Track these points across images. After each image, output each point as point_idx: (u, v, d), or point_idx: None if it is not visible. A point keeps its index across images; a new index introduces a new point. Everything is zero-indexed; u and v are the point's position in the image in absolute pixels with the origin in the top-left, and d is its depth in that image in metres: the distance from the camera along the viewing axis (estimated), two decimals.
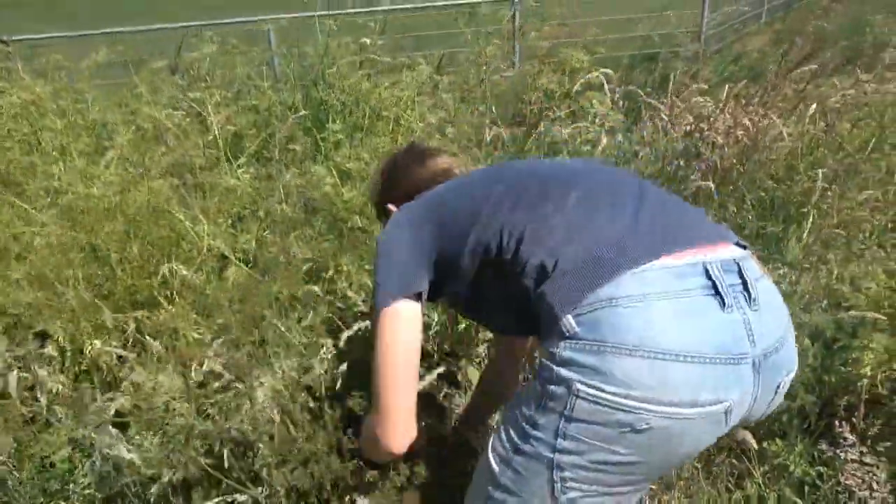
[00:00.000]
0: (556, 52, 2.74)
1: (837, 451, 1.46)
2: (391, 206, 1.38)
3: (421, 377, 1.56)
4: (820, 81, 2.80)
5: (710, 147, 2.27)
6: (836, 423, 1.52)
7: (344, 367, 1.67)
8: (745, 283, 0.96)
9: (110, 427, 1.34)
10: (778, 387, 1.00)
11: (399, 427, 1.12)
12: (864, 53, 5.50)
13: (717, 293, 0.92)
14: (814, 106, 1.89)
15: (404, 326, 1.12)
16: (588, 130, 2.15)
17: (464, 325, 2.16)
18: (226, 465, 1.25)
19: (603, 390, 0.89)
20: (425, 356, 2.04)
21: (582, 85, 2.19)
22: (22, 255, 1.96)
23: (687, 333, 0.89)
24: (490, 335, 2.15)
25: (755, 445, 1.55)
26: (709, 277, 0.93)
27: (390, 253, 1.16)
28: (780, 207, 2.14)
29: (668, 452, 0.95)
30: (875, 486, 1.52)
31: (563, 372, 0.93)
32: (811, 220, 1.86)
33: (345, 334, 1.64)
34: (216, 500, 1.40)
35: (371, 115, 2.76)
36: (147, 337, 1.79)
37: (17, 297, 1.78)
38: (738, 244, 1.05)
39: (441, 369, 1.66)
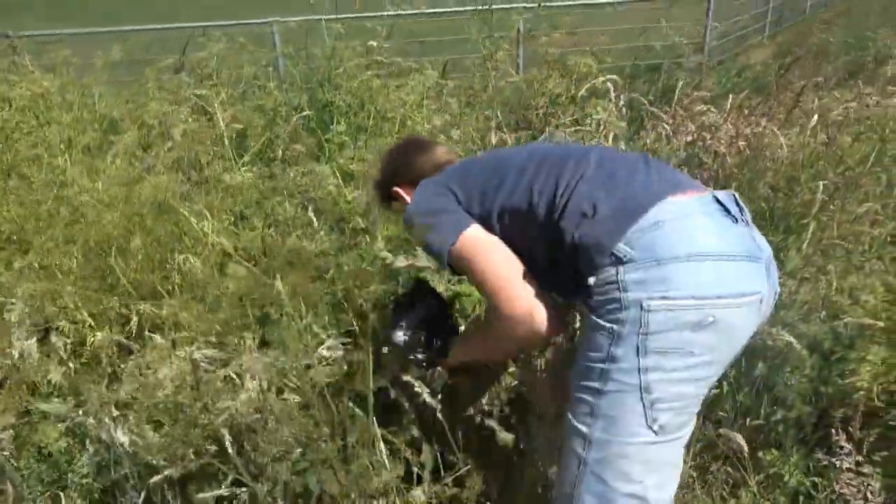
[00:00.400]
0: (565, 59, 2.77)
1: (833, 459, 1.47)
2: (398, 189, 1.51)
3: None
4: (822, 94, 2.82)
5: (713, 156, 2.28)
6: (833, 431, 1.52)
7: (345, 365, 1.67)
8: (740, 210, 1.16)
9: (111, 415, 1.35)
10: (775, 294, 1.18)
11: (537, 307, 1.18)
12: (865, 68, 5.54)
13: (729, 213, 1.12)
14: (815, 118, 1.91)
15: (484, 236, 1.24)
16: (593, 136, 2.16)
17: None
18: (230, 451, 1.25)
19: (669, 297, 1.04)
20: None
21: (588, 90, 2.21)
22: (23, 247, 1.97)
23: (722, 238, 1.08)
24: None
25: (746, 450, 1.57)
26: (719, 203, 1.13)
27: (431, 210, 1.29)
28: (780, 218, 2.16)
29: (729, 344, 1.10)
30: (870, 495, 1.53)
31: (630, 295, 1.06)
32: (811, 231, 1.87)
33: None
34: (215, 492, 1.40)
35: (376, 116, 2.77)
36: (149, 331, 1.80)
37: (19, 288, 1.79)
38: None
39: None
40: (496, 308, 1.20)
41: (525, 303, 1.18)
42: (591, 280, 1.12)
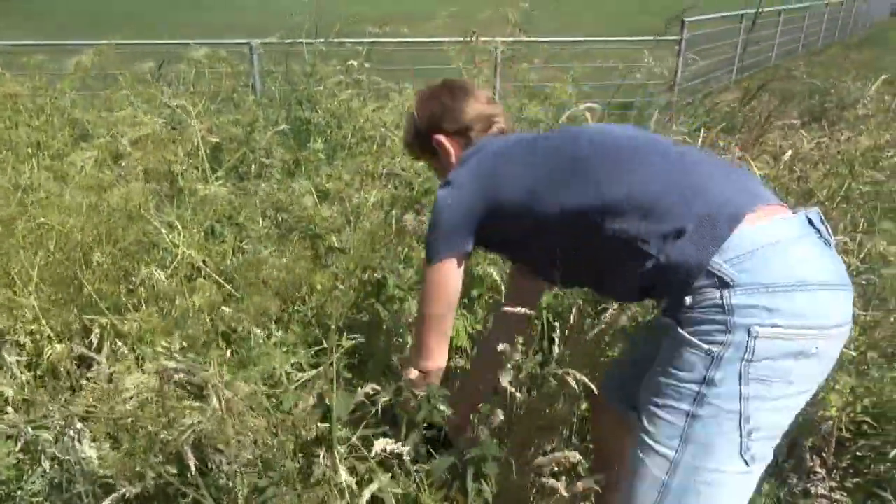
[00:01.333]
0: (543, 88, 2.80)
1: (808, 485, 1.47)
2: (441, 138, 1.44)
3: None
4: (791, 133, 2.91)
5: None
6: (808, 457, 1.53)
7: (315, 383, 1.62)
8: (827, 230, 1.11)
9: (67, 430, 1.27)
10: None
11: (436, 351, 1.35)
12: (828, 112, 5.75)
13: (821, 235, 1.08)
14: (789, 153, 1.96)
15: (451, 281, 1.31)
16: None
17: None
18: (192, 471, 1.18)
19: (779, 325, 1.00)
20: None
21: (568, 118, 2.24)
22: None
23: (824, 266, 1.05)
24: None
25: None
26: (811, 224, 1.09)
27: (444, 213, 1.28)
28: None
29: (823, 373, 1.09)
30: None
31: (738, 319, 1.01)
32: None
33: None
34: None
35: (355, 135, 2.76)
36: (112, 343, 1.72)
37: None
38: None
39: None
40: (414, 343, 1.39)
41: (431, 364, 1.37)
42: (688, 300, 1.06)
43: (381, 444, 1.10)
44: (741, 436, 1.03)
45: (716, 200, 1.08)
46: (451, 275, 1.31)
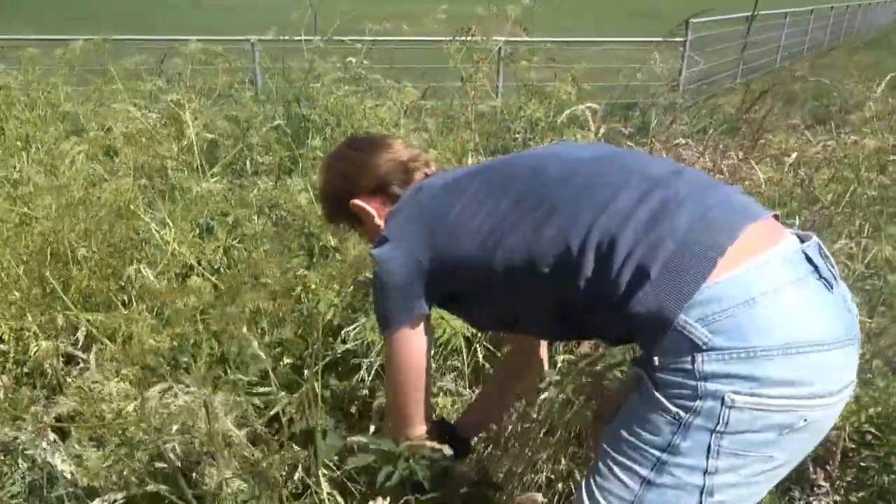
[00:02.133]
0: (544, 86, 2.76)
1: (811, 499, 1.43)
2: (358, 202, 1.26)
3: None
4: (795, 135, 2.87)
5: None
6: (811, 470, 1.48)
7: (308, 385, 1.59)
8: (826, 262, 0.94)
9: (49, 433, 1.23)
10: None
11: (416, 418, 1.22)
12: (831, 115, 5.70)
13: (821, 276, 0.91)
14: (794, 155, 1.92)
15: (414, 346, 1.17)
16: None
17: None
18: (179, 479, 1.15)
19: (761, 395, 0.85)
20: None
21: (568, 117, 2.19)
22: None
23: (821, 321, 0.88)
24: None
25: None
26: (809, 261, 0.92)
27: (387, 274, 1.13)
28: None
29: (812, 444, 0.95)
30: None
31: (710, 385, 0.86)
32: None
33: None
34: None
35: (353, 133, 2.72)
36: (99, 341, 1.69)
37: None
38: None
39: None
40: (390, 412, 1.28)
41: (412, 431, 1.24)
42: (656, 360, 0.91)
43: None
44: None
45: (684, 238, 0.90)
46: (412, 340, 1.15)
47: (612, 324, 0.99)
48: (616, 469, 0.94)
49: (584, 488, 0.98)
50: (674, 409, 0.89)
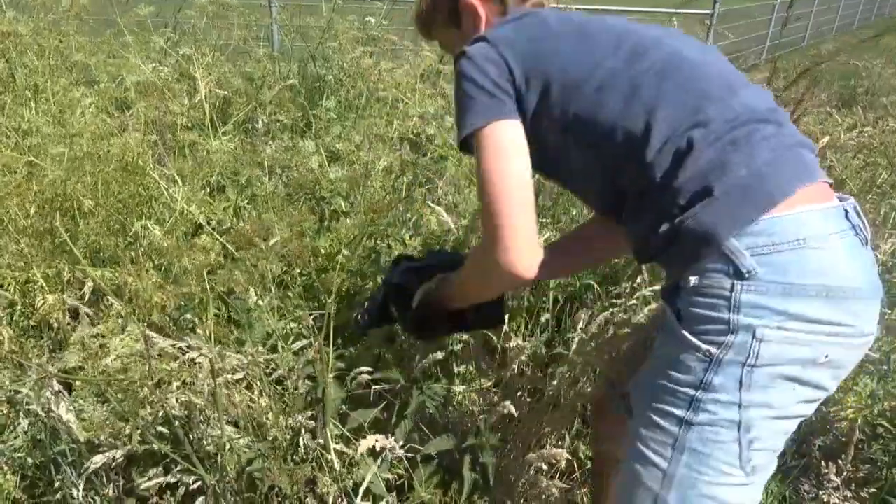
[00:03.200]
0: None
1: (820, 492, 1.40)
2: (473, 2, 1.17)
3: None
4: (823, 118, 2.77)
5: None
6: (822, 464, 1.46)
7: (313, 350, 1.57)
8: (863, 224, 0.99)
9: (54, 384, 1.22)
10: None
11: (528, 244, 1.00)
12: (857, 97, 5.55)
13: (858, 234, 0.95)
14: (826, 139, 1.84)
15: (517, 140, 1.02)
16: None
17: None
18: (180, 434, 1.14)
19: (787, 328, 0.88)
20: None
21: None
22: None
23: (859, 272, 0.92)
24: None
25: None
26: (849, 220, 0.96)
27: (482, 73, 1.02)
28: None
29: (833, 384, 0.98)
30: None
31: (742, 318, 0.89)
32: None
33: None
34: (161, 480, 1.29)
35: (367, 95, 2.66)
36: (106, 295, 1.67)
37: None
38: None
39: None
40: (487, 230, 1.02)
41: (522, 240, 1.00)
42: (693, 280, 0.93)
43: (369, 442, 1.03)
44: (740, 446, 0.93)
45: (759, 168, 0.92)
46: (508, 138, 1.01)
47: (656, 231, 0.97)
48: (654, 417, 0.96)
49: (630, 447, 1.00)
50: (704, 346, 0.91)
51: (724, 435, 0.92)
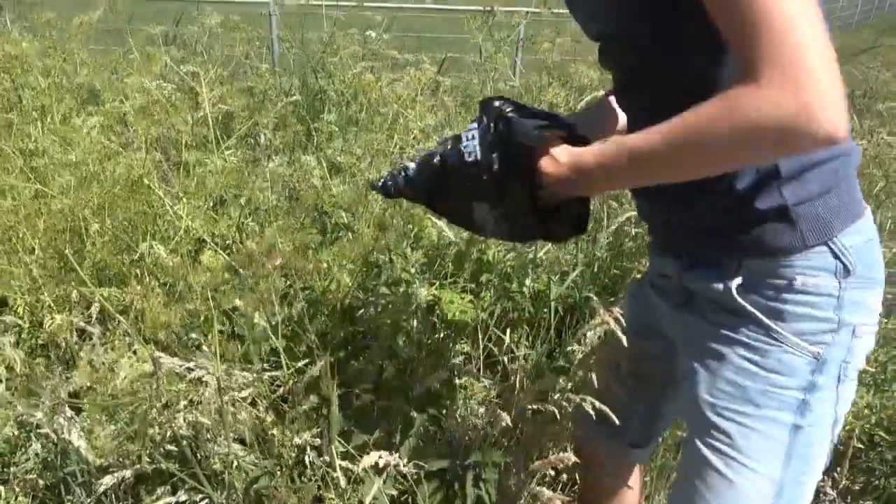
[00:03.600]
0: (565, 66, 2.69)
1: None
2: None
3: None
4: None
5: None
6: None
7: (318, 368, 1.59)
8: None
9: (66, 410, 1.25)
10: None
11: (832, 81, 0.64)
12: (854, 101, 5.53)
13: None
14: None
15: None
16: None
17: None
18: (187, 454, 1.16)
19: (872, 323, 0.93)
20: None
21: (588, 103, 2.15)
22: None
23: None
24: None
25: None
26: None
27: None
28: None
29: None
30: None
31: (845, 316, 0.88)
32: None
33: None
34: (169, 499, 1.32)
35: (369, 109, 2.68)
36: (112, 315, 1.69)
37: None
38: None
39: None
40: (764, 60, 0.65)
41: (823, 63, 0.64)
42: (798, 281, 0.87)
43: (372, 458, 1.05)
44: (832, 442, 0.94)
45: (854, 175, 0.90)
46: None
47: (742, 207, 0.86)
48: (753, 424, 0.90)
49: (713, 462, 0.92)
50: (812, 347, 0.89)
51: (825, 433, 0.92)
